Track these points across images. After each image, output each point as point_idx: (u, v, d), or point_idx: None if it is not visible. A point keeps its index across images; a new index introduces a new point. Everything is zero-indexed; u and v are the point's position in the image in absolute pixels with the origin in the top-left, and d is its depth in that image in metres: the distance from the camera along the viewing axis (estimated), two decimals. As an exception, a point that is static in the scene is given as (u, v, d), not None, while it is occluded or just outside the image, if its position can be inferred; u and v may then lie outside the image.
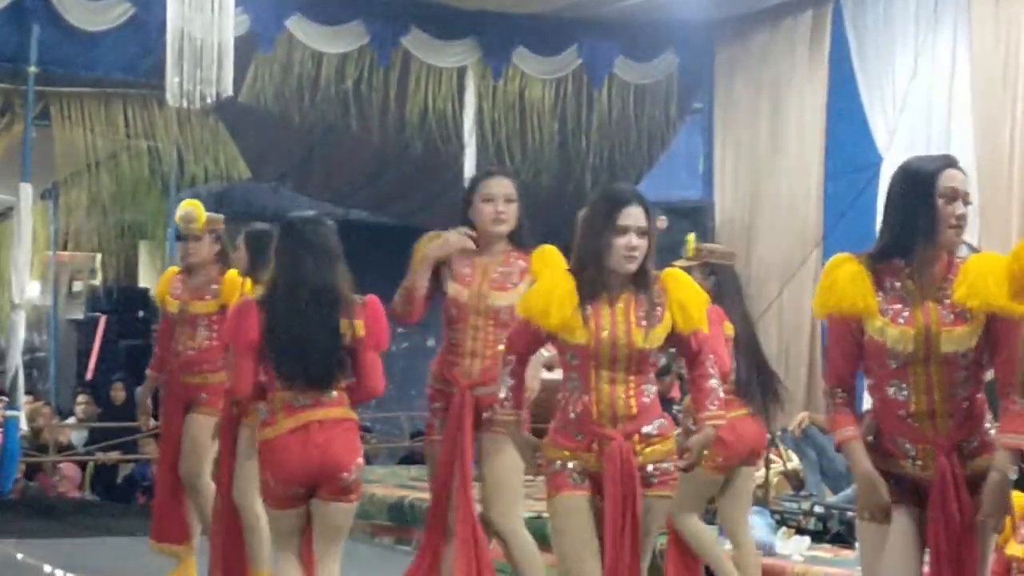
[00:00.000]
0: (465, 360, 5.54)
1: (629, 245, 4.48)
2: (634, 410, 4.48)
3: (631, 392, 4.48)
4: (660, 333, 4.51)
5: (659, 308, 4.53)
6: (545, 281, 4.65)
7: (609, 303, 4.51)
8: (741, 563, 6.33)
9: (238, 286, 7.10)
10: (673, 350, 4.75)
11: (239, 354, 5.19)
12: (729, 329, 6.23)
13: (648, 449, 4.50)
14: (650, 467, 4.50)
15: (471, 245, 5.57)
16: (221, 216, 7.72)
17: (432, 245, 5.58)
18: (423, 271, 5.56)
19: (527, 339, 4.67)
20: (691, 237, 6.54)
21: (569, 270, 4.63)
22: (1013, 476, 4.04)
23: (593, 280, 4.52)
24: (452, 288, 5.55)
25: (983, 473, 4.08)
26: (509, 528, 5.57)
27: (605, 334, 4.46)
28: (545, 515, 4.85)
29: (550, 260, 5.46)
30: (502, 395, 4.70)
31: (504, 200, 5.56)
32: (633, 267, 4.50)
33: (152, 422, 8.10)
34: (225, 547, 6.80)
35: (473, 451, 5.53)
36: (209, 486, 7.25)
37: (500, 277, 5.54)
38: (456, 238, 5.58)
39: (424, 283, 5.56)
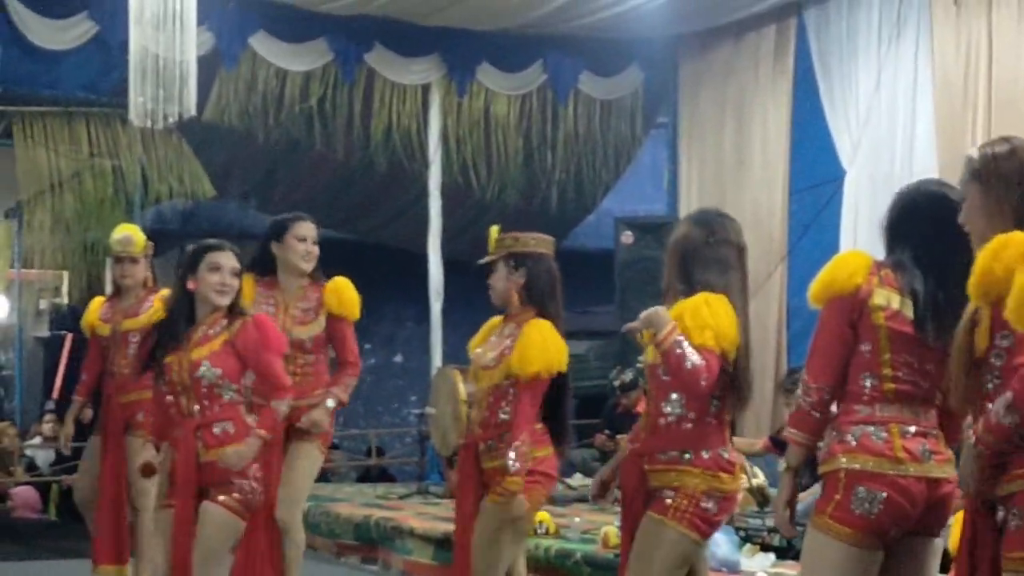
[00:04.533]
0: None
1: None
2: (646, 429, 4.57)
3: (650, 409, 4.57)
4: None
5: None
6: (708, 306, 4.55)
7: None
8: None
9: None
10: (640, 365, 4.82)
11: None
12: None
13: (658, 473, 4.52)
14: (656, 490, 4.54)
15: None
16: (151, 243, 7.73)
17: None
18: None
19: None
20: (494, 229, 5.70)
21: None
22: (782, 467, 4.06)
23: None
24: None
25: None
26: None
27: None
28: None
29: (343, 292, 6.23)
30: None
31: (312, 241, 6.24)
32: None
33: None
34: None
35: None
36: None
37: (300, 313, 6.22)
38: None
39: None
